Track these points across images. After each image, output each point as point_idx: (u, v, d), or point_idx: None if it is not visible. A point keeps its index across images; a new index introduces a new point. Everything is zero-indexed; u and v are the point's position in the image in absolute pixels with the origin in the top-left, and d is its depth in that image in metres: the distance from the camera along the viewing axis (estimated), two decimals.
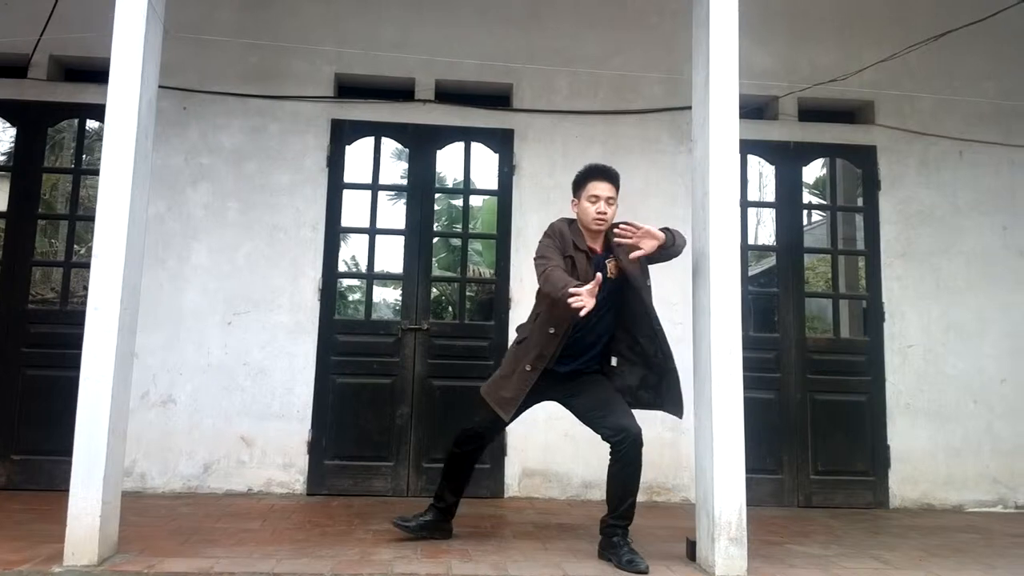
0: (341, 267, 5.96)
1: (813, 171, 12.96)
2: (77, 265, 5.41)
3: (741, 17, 3.49)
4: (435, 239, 5.94)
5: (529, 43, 5.35)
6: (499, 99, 5.44)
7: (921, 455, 5.25)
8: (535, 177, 5.31)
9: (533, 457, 5.03)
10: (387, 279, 8.14)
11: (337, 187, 5.23)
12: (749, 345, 3.70)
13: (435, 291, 8.37)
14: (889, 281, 5.41)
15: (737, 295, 3.36)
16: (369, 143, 5.37)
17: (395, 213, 7.73)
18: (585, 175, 3.53)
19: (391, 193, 11.20)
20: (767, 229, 16.23)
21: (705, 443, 3.35)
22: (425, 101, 5.33)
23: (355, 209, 5.50)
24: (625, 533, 3.36)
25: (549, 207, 5.25)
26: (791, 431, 5.23)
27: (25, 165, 5.15)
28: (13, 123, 5.26)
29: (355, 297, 14.87)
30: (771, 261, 7.73)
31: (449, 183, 11.85)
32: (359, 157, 5.46)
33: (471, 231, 7.38)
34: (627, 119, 5.38)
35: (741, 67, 3.47)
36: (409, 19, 5.33)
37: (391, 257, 6.33)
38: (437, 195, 5.74)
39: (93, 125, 5.37)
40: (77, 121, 5.37)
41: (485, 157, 5.46)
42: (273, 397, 4.96)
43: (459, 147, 5.42)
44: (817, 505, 5.13)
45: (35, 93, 5.08)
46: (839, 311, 5.74)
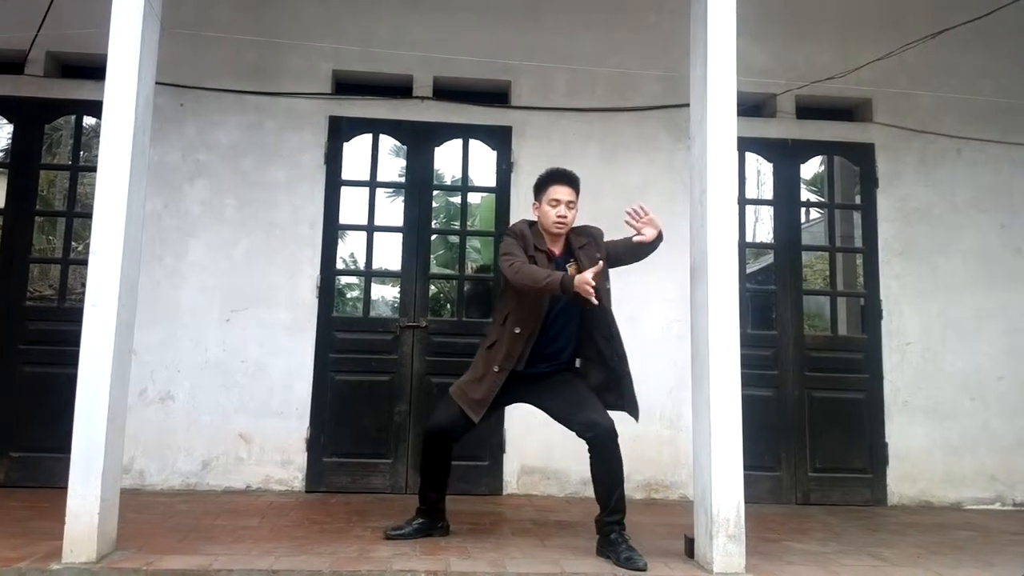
0: (339, 264, 5.95)
1: (811, 169, 12.96)
2: (75, 262, 5.42)
3: (739, 15, 3.49)
4: (433, 236, 5.93)
5: (527, 40, 5.35)
6: (497, 96, 5.44)
7: (919, 452, 5.26)
8: (533, 174, 5.16)
9: (532, 454, 5.03)
10: (385, 276, 8.13)
11: (335, 184, 5.22)
12: (747, 343, 3.70)
13: (433, 288, 8.35)
14: (887, 279, 5.42)
15: (735, 292, 3.36)
16: (367, 140, 5.37)
17: (393, 210, 7.72)
18: (546, 179, 3.59)
19: (389, 190, 11.15)
20: (765, 227, 16.24)
21: (703, 440, 3.35)
22: (423, 98, 5.32)
23: (353, 206, 5.49)
24: (622, 529, 3.37)
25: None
26: (789, 428, 5.23)
27: (22, 162, 5.14)
28: (10, 119, 5.25)
29: (353, 294, 14.84)
30: (769, 259, 7.73)
31: (447, 180, 11.85)
32: (357, 154, 5.46)
33: (469, 228, 7.35)
34: (625, 116, 5.38)
35: (739, 65, 3.47)
36: (407, 16, 5.32)
37: (389, 254, 6.33)
38: (435, 192, 5.74)
39: (90, 121, 5.38)
40: (74, 117, 5.37)
41: (483, 154, 5.46)
42: (271, 394, 4.96)
43: (457, 144, 5.41)
44: (815, 502, 5.14)
45: (32, 89, 5.07)
46: (837, 309, 5.75)
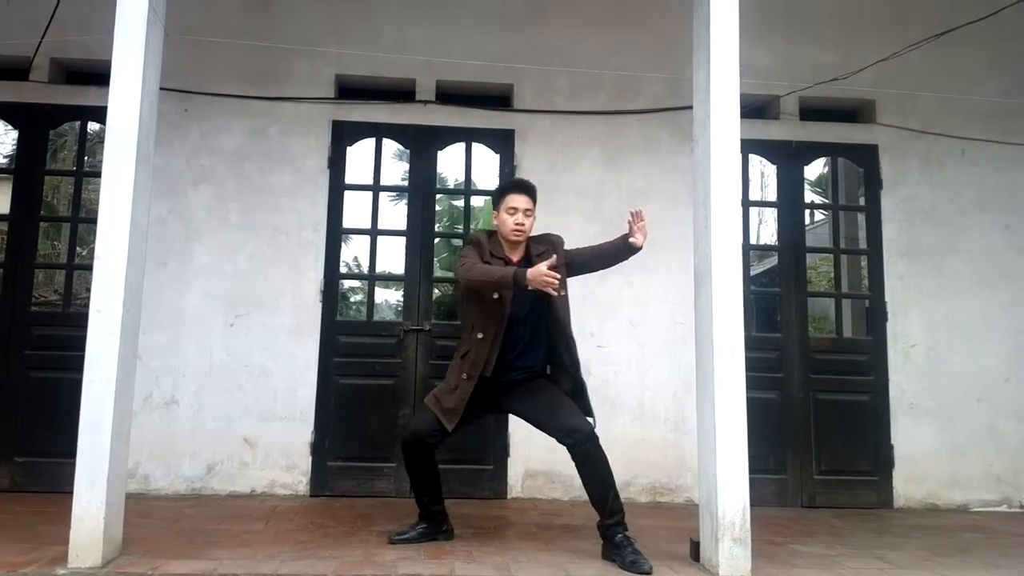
0: (343, 268, 5.97)
1: (815, 170, 12.97)
2: (79, 267, 5.44)
3: (742, 16, 3.49)
4: (436, 240, 5.93)
5: (530, 43, 5.35)
6: (500, 100, 5.44)
7: (925, 455, 5.24)
8: (536, 177, 5.20)
9: (536, 458, 5.02)
10: (389, 280, 8.15)
11: (338, 188, 5.23)
12: (751, 345, 3.69)
13: (437, 292, 8.37)
14: (892, 280, 5.40)
15: (739, 295, 3.36)
16: (370, 144, 5.38)
17: (396, 214, 7.74)
18: (503, 189, 3.73)
19: (392, 194, 11.20)
20: (769, 229, 16.24)
21: (708, 443, 3.34)
22: (426, 102, 5.33)
23: (356, 210, 5.50)
24: (625, 530, 3.37)
25: (550, 207, 5.22)
26: (794, 431, 5.22)
27: (27, 168, 5.16)
28: (15, 125, 5.27)
29: (357, 298, 14.88)
30: (773, 261, 7.72)
31: (450, 184, 11.87)
32: (360, 158, 5.47)
33: (472, 232, 7.37)
34: (628, 119, 5.38)
35: (742, 66, 3.47)
36: (409, 20, 5.33)
37: (392, 258, 6.34)
38: (438, 196, 5.75)
39: (95, 127, 5.39)
40: (79, 123, 5.39)
41: (486, 158, 5.47)
42: (275, 399, 4.97)
43: (460, 148, 5.42)
44: (821, 505, 5.12)
45: (37, 95, 5.09)
46: (841, 310, 5.75)
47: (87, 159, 5.65)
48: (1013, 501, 5.24)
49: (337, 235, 5.25)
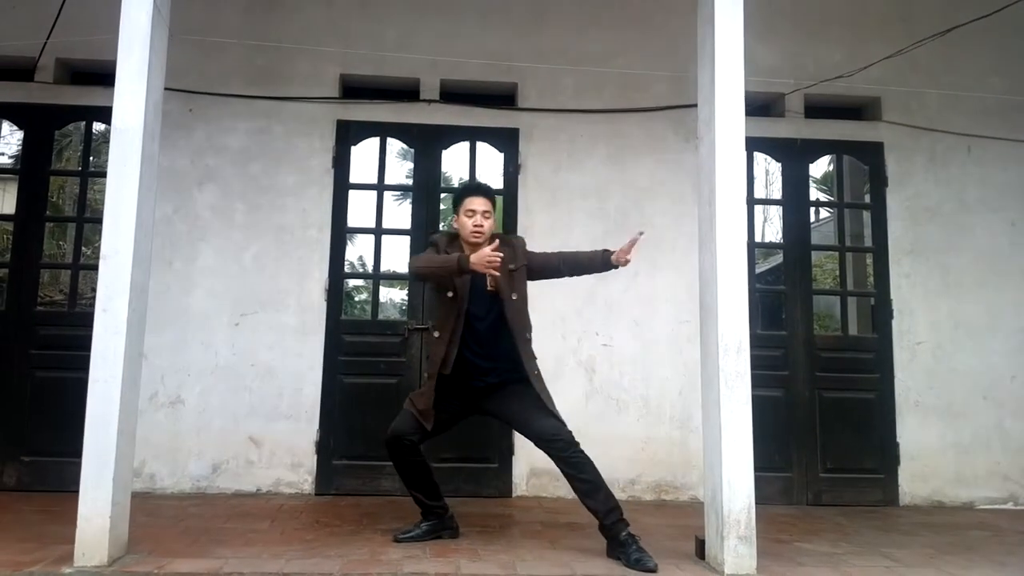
0: (347, 267, 5.97)
1: (820, 168, 12.94)
2: (85, 267, 5.45)
3: (746, 14, 3.48)
4: None
5: (534, 42, 5.35)
6: (504, 98, 5.44)
7: (931, 452, 5.23)
8: (541, 176, 5.31)
9: (541, 456, 4.91)
10: (393, 279, 8.16)
11: (343, 188, 5.24)
12: (757, 343, 3.69)
13: None
14: (897, 278, 5.39)
15: (744, 293, 3.35)
16: (374, 143, 5.38)
17: (401, 213, 7.72)
18: (462, 192, 3.79)
19: (397, 193, 11.13)
20: (774, 226, 16.19)
21: (713, 441, 3.34)
22: (430, 101, 5.33)
23: (361, 209, 5.50)
24: (627, 526, 3.38)
25: (555, 206, 5.27)
26: (800, 429, 5.21)
27: (32, 168, 5.17)
28: (20, 126, 5.29)
29: (361, 297, 14.90)
30: (778, 258, 7.72)
31: (455, 183, 11.81)
32: (364, 157, 5.47)
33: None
34: (632, 117, 5.38)
35: (746, 64, 3.47)
36: (413, 19, 5.33)
37: (397, 257, 6.35)
38: (442, 195, 5.73)
39: (100, 127, 5.40)
40: (84, 124, 5.38)
41: (490, 157, 5.46)
42: (281, 397, 4.98)
43: (464, 147, 5.42)
44: (826, 503, 5.11)
45: (42, 96, 5.10)
46: (847, 308, 5.73)
47: (92, 159, 5.67)
48: (1019, 499, 5.23)
49: (342, 234, 5.26)
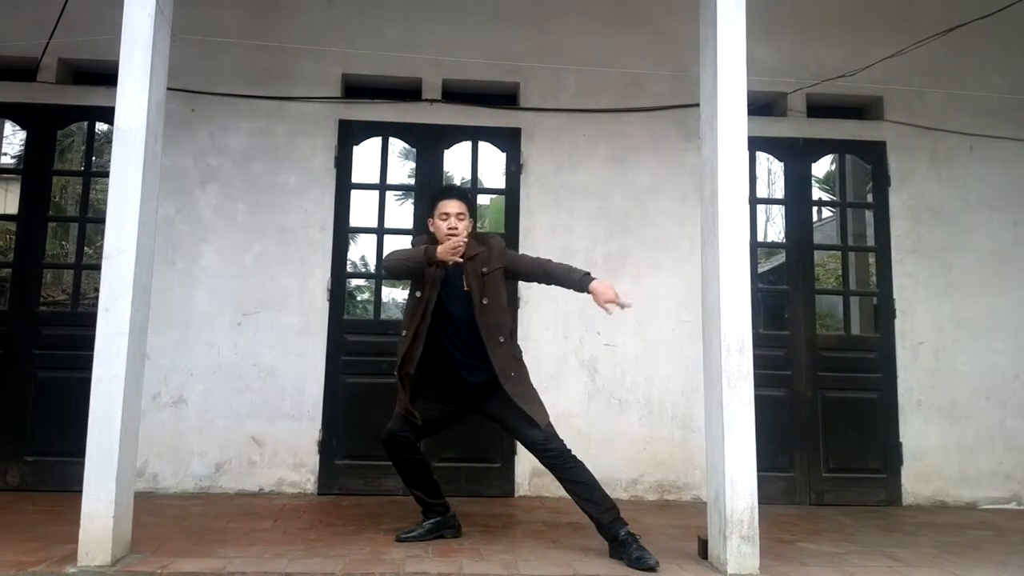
0: (350, 267, 5.98)
1: (822, 167, 12.94)
2: (87, 267, 5.44)
3: (748, 13, 3.48)
4: None
5: (536, 42, 5.34)
6: (506, 98, 5.44)
7: (934, 452, 5.22)
8: (543, 176, 5.31)
9: None
10: (395, 279, 8.16)
11: (345, 187, 5.24)
12: (759, 343, 3.68)
13: None
14: (900, 277, 5.38)
15: (747, 292, 3.35)
16: (376, 143, 5.38)
17: (403, 213, 7.73)
18: (436, 196, 3.80)
19: (399, 193, 11.17)
20: (776, 226, 16.19)
21: (716, 441, 3.33)
22: (432, 101, 5.33)
23: (363, 209, 5.50)
24: (626, 525, 3.38)
25: (557, 205, 5.27)
26: (802, 429, 5.20)
27: (35, 168, 5.18)
28: (23, 126, 5.29)
29: (364, 297, 14.91)
30: (781, 258, 7.71)
31: (457, 182, 11.86)
32: (367, 157, 5.47)
33: (479, 230, 7.37)
34: (635, 117, 5.37)
35: (748, 64, 3.46)
36: (415, 19, 5.33)
37: None
38: None
39: (102, 127, 5.40)
40: (86, 124, 5.40)
41: (492, 156, 5.46)
42: (283, 397, 4.98)
43: (466, 146, 5.42)
44: (829, 503, 5.11)
45: (44, 96, 5.10)
46: (850, 308, 5.72)
47: (95, 159, 5.68)
48: (1022, 499, 5.22)
49: (344, 234, 5.26)
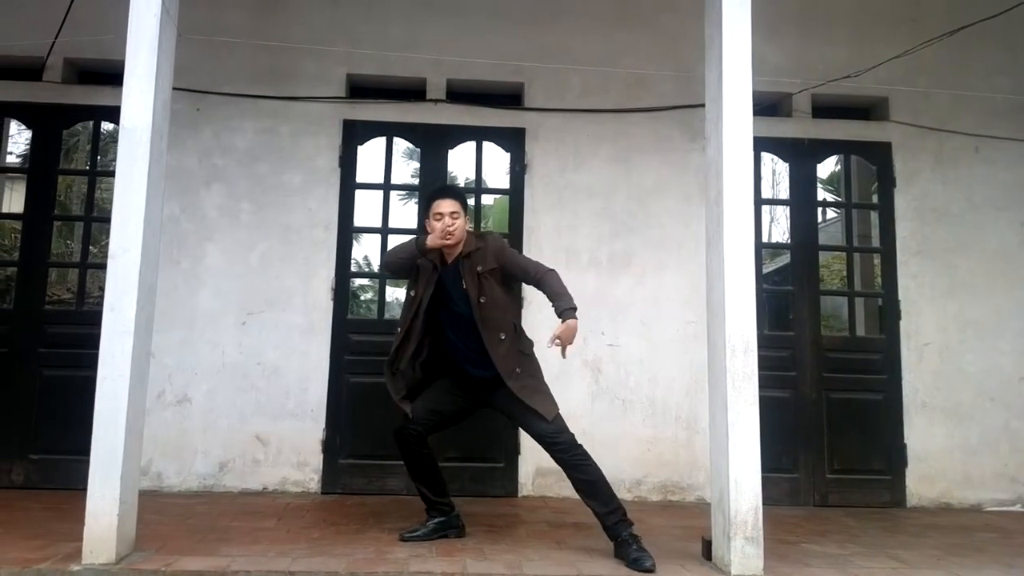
0: (354, 267, 5.98)
1: (827, 168, 12.89)
2: (93, 266, 5.46)
3: (753, 13, 3.47)
4: None
5: (540, 42, 5.34)
6: (510, 98, 5.44)
7: (938, 454, 5.21)
8: (547, 176, 5.31)
9: (547, 456, 4.89)
10: (394, 276, 8.16)
11: (349, 187, 5.24)
12: (764, 343, 3.68)
13: None
14: (905, 278, 5.37)
15: (752, 293, 3.35)
16: (381, 143, 5.38)
17: (407, 212, 7.75)
18: (430, 197, 3.81)
19: (403, 193, 11.23)
20: (781, 227, 16.18)
21: (720, 442, 3.33)
22: (436, 101, 5.33)
23: (367, 209, 5.51)
24: (630, 526, 3.38)
25: (561, 205, 5.27)
26: (807, 430, 5.19)
27: (41, 167, 5.19)
28: (29, 125, 5.31)
29: (368, 296, 14.94)
30: (785, 259, 7.70)
31: (461, 182, 11.89)
32: (371, 157, 5.48)
33: (483, 230, 7.37)
34: (639, 117, 5.37)
35: (754, 63, 3.45)
36: (419, 19, 5.33)
37: None
38: None
39: (108, 127, 5.42)
40: (92, 123, 5.41)
41: (496, 156, 5.47)
42: (287, 396, 4.99)
43: (470, 146, 5.42)
44: (833, 504, 5.10)
45: (50, 95, 5.12)
46: (855, 309, 5.73)
47: (100, 158, 5.69)
48: None
49: (348, 234, 5.26)
